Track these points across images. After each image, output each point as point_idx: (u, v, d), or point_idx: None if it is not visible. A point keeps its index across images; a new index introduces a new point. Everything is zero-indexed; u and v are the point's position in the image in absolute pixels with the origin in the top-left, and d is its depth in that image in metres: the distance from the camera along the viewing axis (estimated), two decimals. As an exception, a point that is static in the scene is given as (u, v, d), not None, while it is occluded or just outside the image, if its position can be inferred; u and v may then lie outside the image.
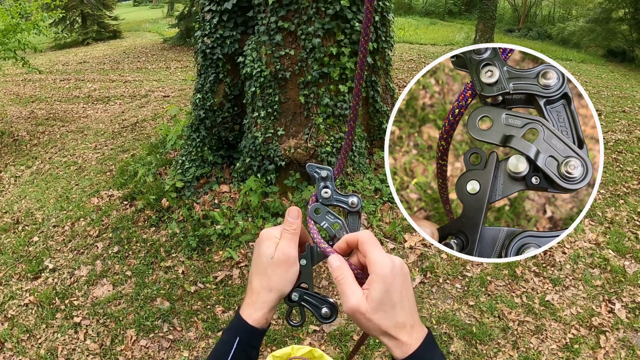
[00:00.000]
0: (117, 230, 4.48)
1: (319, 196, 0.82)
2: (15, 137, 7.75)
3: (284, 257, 0.77)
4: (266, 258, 0.77)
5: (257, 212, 4.28)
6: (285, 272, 0.77)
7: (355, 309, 0.67)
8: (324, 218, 0.81)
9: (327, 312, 0.79)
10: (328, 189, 0.82)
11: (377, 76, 4.80)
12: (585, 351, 3.13)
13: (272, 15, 4.11)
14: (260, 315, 0.78)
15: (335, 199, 0.82)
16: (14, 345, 3.32)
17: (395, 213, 4.46)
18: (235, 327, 0.78)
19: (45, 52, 17.42)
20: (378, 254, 0.69)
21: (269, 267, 0.77)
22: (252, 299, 0.78)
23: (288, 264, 0.77)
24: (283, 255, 0.77)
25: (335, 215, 0.82)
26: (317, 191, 0.83)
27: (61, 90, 11.01)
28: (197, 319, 3.43)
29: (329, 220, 0.81)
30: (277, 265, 0.77)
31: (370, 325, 0.67)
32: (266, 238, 0.80)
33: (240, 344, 0.76)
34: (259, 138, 4.37)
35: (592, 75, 13.07)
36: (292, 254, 0.78)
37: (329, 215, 0.81)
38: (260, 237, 0.81)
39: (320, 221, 0.81)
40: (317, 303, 0.80)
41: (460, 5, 28.69)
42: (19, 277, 4.06)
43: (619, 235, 4.38)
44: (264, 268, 0.78)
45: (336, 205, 0.82)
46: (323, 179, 0.82)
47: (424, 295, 3.60)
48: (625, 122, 8.02)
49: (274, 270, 0.77)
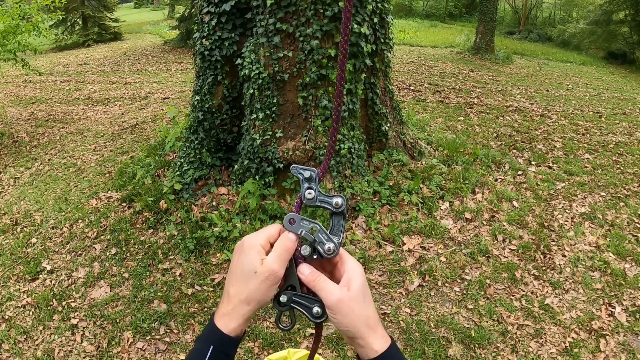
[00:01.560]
0: (115, 232, 4.47)
1: (303, 197, 0.81)
2: (15, 139, 7.75)
3: (271, 274, 0.73)
4: (249, 270, 0.74)
5: (255, 215, 4.26)
6: (268, 289, 0.74)
7: (340, 298, 0.73)
8: (300, 226, 0.79)
9: (319, 311, 0.77)
10: (312, 190, 0.81)
11: (376, 78, 4.78)
12: (585, 355, 3.11)
13: (270, 17, 4.10)
14: (235, 325, 0.75)
15: (319, 199, 0.81)
16: (11, 347, 3.31)
17: (394, 216, 4.45)
18: (209, 336, 0.75)
19: (46, 54, 17.45)
20: (348, 257, 0.78)
21: (251, 280, 0.73)
22: (227, 309, 0.75)
23: (273, 281, 0.74)
24: (269, 272, 0.73)
25: (310, 220, 0.80)
26: (301, 192, 0.81)
27: (61, 91, 11.01)
28: (194, 321, 3.41)
29: (305, 227, 0.79)
30: (260, 280, 0.73)
31: (353, 316, 0.73)
32: (249, 247, 0.76)
33: (214, 353, 0.74)
34: (257, 140, 4.35)
35: (593, 77, 13.07)
36: (280, 272, 0.75)
37: (304, 222, 0.79)
38: (242, 245, 0.77)
39: (297, 230, 0.79)
40: (308, 303, 0.78)
41: (460, 7, 28.69)
42: (16, 279, 4.05)
43: (620, 238, 4.36)
44: (245, 279, 0.74)
45: (320, 206, 0.81)
46: (307, 180, 0.81)
47: (422, 298, 3.58)
48: (626, 124, 8.00)
49: (256, 285, 0.73)
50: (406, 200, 4.57)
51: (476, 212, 4.64)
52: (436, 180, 4.92)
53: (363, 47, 4.23)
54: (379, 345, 0.74)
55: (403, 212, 4.51)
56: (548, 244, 4.24)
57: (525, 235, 4.36)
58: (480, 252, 4.08)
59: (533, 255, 4.09)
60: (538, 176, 5.56)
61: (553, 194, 5.16)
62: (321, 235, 0.79)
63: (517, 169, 5.68)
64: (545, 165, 5.93)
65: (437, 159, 5.47)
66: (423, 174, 4.99)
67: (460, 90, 10.02)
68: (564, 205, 4.94)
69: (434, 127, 7.19)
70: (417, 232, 4.27)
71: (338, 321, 0.74)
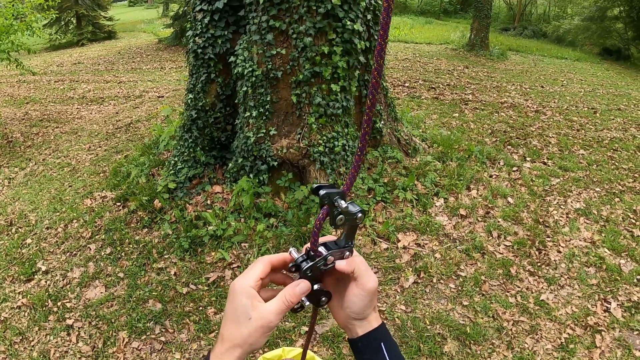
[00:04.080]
0: (109, 232, 4.45)
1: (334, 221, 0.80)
2: (9, 139, 7.71)
3: (265, 323, 0.73)
4: (242, 316, 0.73)
5: (249, 213, 4.25)
6: (261, 336, 0.74)
7: (376, 286, 0.84)
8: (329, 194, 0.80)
9: (325, 300, 0.85)
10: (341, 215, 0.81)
11: (370, 75, 4.77)
12: (581, 351, 3.12)
13: (263, 15, 4.08)
14: None
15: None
16: (7, 348, 3.29)
17: (389, 213, 4.44)
18: None
19: (40, 53, 17.37)
20: (362, 262, 0.85)
21: (244, 325, 0.73)
22: (221, 350, 0.74)
23: (267, 330, 0.74)
24: (265, 321, 0.73)
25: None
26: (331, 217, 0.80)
27: (55, 91, 10.97)
28: (189, 320, 3.40)
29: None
30: (254, 328, 0.73)
31: (372, 301, 0.85)
32: (240, 292, 0.75)
33: None
34: (251, 138, 4.34)
35: (588, 73, 13.10)
36: (275, 322, 0.74)
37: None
38: (234, 289, 0.76)
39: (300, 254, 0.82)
40: (316, 295, 0.83)
41: (455, 4, 28.73)
42: (11, 280, 4.03)
43: (615, 234, 4.37)
44: (238, 324, 0.74)
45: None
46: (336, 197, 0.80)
47: (417, 295, 3.58)
48: (621, 120, 8.03)
49: (249, 331, 0.73)
50: (401, 197, 4.57)
51: (471, 208, 4.64)
52: (431, 176, 4.92)
53: (357, 44, 4.22)
54: (376, 321, 0.86)
55: (398, 209, 4.50)
56: (543, 240, 4.25)
57: (520, 232, 4.37)
58: (475, 249, 4.08)
59: (528, 252, 4.09)
60: (533, 172, 5.57)
61: (548, 189, 5.17)
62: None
63: (512, 165, 5.69)
64: (540, 161, 5.94)
65: (432, 155, 5.47)
66: (418, 170, 4.99)
67: (455, 86, 10.02)
68: (559, 201, 4.95)
69: (429, 124, 7.18)
70: (411, 229, 4.27)
71: (364, 304, 0.83)
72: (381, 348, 0.84)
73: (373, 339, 0.85)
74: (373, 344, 0.84)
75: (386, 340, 0.85)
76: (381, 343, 0.85)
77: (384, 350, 0.84)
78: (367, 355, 0.84)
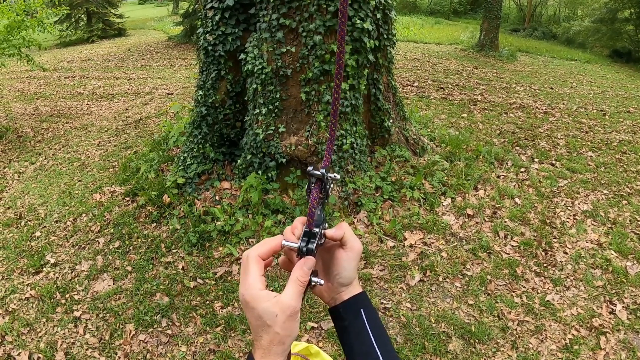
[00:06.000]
0: (118, 226, 4.49)
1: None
2: (20, 134, 7.79)
3: (291, 311, 0.74)
4: (269, 319, 0.74)
5: (257, 209, 4.28)
6: (294, 323, 0.75)
7: (361, 246, 0.89)
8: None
9: (316, 280, 0.84)
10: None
11: (378, 74, 4.78)
12: (585, 352, 3.11)
13: (273, 12, 4.11)
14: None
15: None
16: (14, 339, 3.33)
17: (396, 211, 4.46)
18: None
19: (51, 50, 17.50)
20: (346, 226, 0.89)
21: (276, 324, 0.74)
22: (263, 353, 0.75)
23: (296, 315, 0.75)
24: (289, 309, 0.74)
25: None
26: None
27: (65, 87, 11.05)
28: (195, 314, 3.43)
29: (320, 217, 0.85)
30: (284, 321, 0.74)
31: (358, 264, 0.90)
32: (255, 301, 0.75)
33: None
34: (260, 135, 4.37)
35: (597, 75, 13.02)
36: (298, 305, 0.75)
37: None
38: (247, 301, 0.76)
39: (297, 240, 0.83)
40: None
41: (465, 4, 28.62)
42: (20, 272, 4.08)
43: (622, 236, 4.36)
44: (267, 326, 0.74)
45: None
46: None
47: (423, 293, 3.59)
48: (630, 123, 7.98)
49: (282, 326, 0.74)
50: (408, 196, 4.58)
51: (478, 208, 4.64)
52: (438, 176, 4.92)
53: (366, 43, 4.23)
54: (359, 287, 0.91)
55: (405, 207, 4.51)
56: (550, 241, 4.24)
57: (527, 232, 4.37)
58: (481, 248, 4.09)
59: (534, 252, 4.09)
60: (541, 173, 5.55)
61: (555, 191, 5.16)
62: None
63: (520, 166, 5.68)
64: (548, 163, 5.93)
65: (440, 155, 5.47)
66: (425, 170, 4.99)
67: (464, 87, 10.00)
68: (566, 202, 4.94)
69: (437, 124, 7.18)
70: (418, 228, 4.28)
71: (354, 266, 0.88)
72: (360, 313, 0.87)
73: (354, 303, 0.88)
74: (354, 307, 0.87)
75: (366, 307, 0.88)
76: (361, 309, 0.87)
77: (363, 315, 0.87)
78: (346, 321, 0.87)
